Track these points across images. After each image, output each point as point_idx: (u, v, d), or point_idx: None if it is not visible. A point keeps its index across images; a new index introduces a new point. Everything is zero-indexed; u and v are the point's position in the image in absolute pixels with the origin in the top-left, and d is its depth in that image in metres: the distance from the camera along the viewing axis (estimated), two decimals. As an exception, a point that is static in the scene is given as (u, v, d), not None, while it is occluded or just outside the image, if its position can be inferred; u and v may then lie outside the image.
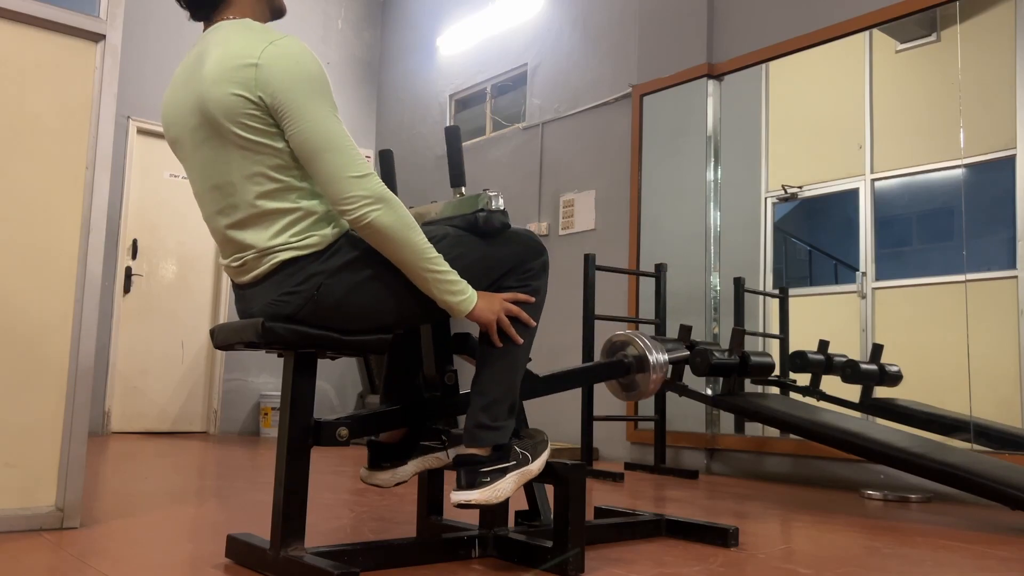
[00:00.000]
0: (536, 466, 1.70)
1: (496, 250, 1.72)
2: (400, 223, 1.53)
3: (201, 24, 1.69)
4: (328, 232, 1.58)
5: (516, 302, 1.71)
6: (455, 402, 1.83)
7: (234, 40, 1.54)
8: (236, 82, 1.50)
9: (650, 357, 2.16)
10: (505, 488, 1.64)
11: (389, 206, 1.52)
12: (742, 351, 3.34)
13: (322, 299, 1.56)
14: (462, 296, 1.61)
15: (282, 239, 1.55)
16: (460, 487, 1.63)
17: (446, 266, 1.60)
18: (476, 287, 1.68)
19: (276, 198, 1.55)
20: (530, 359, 1.86)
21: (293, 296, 1.56)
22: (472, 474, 1.63)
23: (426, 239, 1.57)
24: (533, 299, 1.74)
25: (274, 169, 1.53)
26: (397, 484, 1.82)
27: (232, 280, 1.69)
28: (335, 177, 1.50)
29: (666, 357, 2.18)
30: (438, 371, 1.83)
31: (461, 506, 1.62)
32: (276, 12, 1.72)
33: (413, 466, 1.82)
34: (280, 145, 1.53)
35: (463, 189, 1.85)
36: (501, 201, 1.76)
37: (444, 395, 1.82)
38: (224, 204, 1.59)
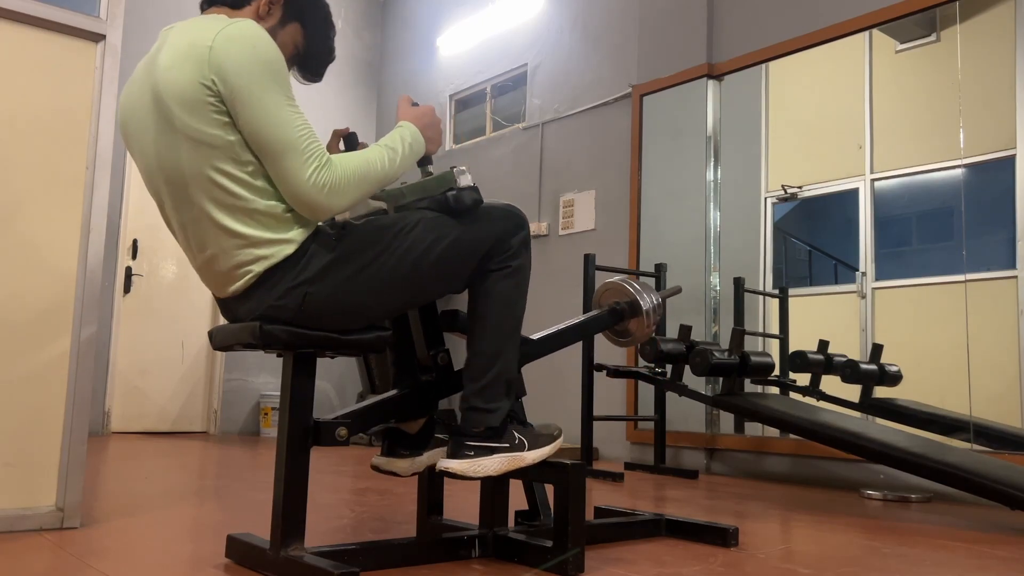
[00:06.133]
0: (531, 456, 1.69)
1: (473, 230, 1.67)
2: (356, 190, 1.53)
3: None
4: (296, 233, 1.54)
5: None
6: (451, 382, 1.82)
7: (192, 28, 1.51)
8: (189, 66, 1.45)
9: (642, 301, 2.13)
10: (487, 465, 1.63)
11: (336, 190, 1.50)
12: (742, 351, 3.34)
13: (308, 307, 1.54)
14: (415, 153, 1.65)
15: (253, 252, 1.52)
16: (446, 456, 1.65)
17: (396, 153, 1.60)
18: (459, 273, 1.68)
19: (235, 197, 1.50)
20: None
21: (279, 310, 1.53)
22: (458, 445, 1.65)
23: (376, 159, 1.56)
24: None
25: (229, 164, 1.48)
26: (413, 474, 1.81)
27: (214, 294, 1.65)
28: (288, 181, 1.48)
29: (658, 299, 2.14)
30: (429, 353, 1.80)
31: (442, 474, 1.64)
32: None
33: (428, 457, 1.81)
34: (233, 138, 1.47)
35: (431, 168, 1.78)
36: (469, 177, 1.70)
37: (438, 376, 1.81)
38: (179, 200, 1.54)
